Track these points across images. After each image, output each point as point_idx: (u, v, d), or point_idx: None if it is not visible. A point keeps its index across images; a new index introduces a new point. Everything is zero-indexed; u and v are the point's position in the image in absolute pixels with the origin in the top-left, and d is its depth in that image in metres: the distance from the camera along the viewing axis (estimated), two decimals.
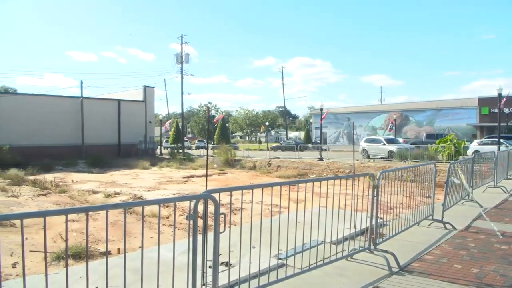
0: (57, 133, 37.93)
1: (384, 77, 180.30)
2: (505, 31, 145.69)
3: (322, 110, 36.63)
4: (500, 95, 27.09)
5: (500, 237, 7.07)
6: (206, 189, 4.53)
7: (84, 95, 40.56)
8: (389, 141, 32.77)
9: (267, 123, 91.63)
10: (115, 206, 3.50)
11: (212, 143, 59.35)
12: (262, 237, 4.44)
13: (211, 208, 3.86)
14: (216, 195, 3.83)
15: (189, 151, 52.11)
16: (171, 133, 74.85)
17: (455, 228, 7.65)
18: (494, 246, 6.58)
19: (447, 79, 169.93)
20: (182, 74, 51.73)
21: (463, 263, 5.66)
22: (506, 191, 12.07)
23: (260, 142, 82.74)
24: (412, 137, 48.94)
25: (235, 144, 66.54)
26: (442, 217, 7.88)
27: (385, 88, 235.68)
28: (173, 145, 63.66)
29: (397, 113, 55.59)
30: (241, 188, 4.40)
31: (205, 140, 70.77)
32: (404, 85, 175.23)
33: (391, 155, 30.44)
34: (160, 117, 71.55)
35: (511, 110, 41.50)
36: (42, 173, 25.59)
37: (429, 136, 40.53)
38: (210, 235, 3.96)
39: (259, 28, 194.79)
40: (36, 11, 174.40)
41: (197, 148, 62.08)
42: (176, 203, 4.02)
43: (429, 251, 6.25)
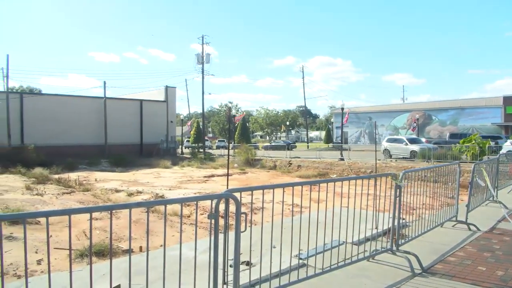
0: (80, 132, 38.67)
1: (406, 75, 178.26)
2: None
3: (343, 109, 36.38)
4: None
5: None
6: (227, 188, 4.54)
7: (106, 96, 41.20)
8: (412, 141, 32.32)
9: (287, 123, 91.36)
10: (138, 205, 3.55)
11: (233, 142, 59.58)
12: (283, 236, 4.44)
13: (231, 208, 3.87)
14: (237, 195, 3.85)
15: (210, 151, 52.46)
16: (192, 132, 75.45)
17: (479, 230, 7.50)
18: None
19: (470, 77, 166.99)
20: (203, 74, 51.98)
21: (487, 265, 5.54)
22: None
23: None
24: (435, 137, 48.14)
25: (255, 144, 66.73)
26: (466, 218, 7.73)
27: (407, 87, 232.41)
28: (194, 145, 64.16)
29: (419, 112, 54.78)
30: (262, 188, 4.39)
31: (225, 140, 71.11)
32: (426, 83, 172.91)
33: (413, 155, 30.00)
34: (181, 117, 72.19)
35: None
36: (66, 172, 26.09)
37: (452, 135, 39.79)
38: (231, 234, 3.98)
39: (279, 28, 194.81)
40: (59, 13, 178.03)
41: (218, 147, 62.47)
42: (197, 202, 4.05)
43: (453, 252, 6.14)
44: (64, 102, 39.20)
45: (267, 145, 59.08)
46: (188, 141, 72.25)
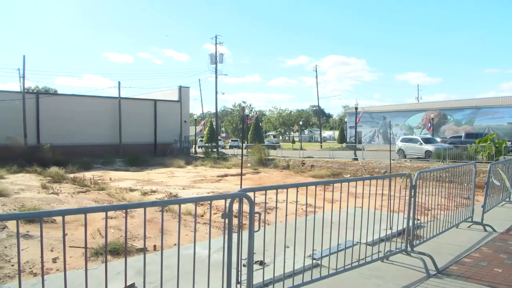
0: (95, 132, 39.08)
1: (420, 74, 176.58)
2: None
3: (357, 109, 36.15)
4: None
5: None
6: (240, 188, 4.55)
7: (121, 96, 41.56)
8: (426, 141, 31.96)
9: (300, 123, 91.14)
10: (153, 204, 3.58)
11: (246, 142, 59.59)
12: (297, 236, 4.43)
13: (245, 207, 3.88)
14: (251, 194, 3.85)
15: (223, 150, 52.54)
16: (205, 132, 75.70)
17: (495, 231, 7.40)
18: None
19: (487, 76, 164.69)
20: (216, 74, 52.16)
21: (504, 267, 5.47)
22: None
23: (293, 142, 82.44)
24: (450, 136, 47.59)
25: (273, 142, 66.64)
26: (482, 219, 7.64)
27: (421, 86, 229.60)
28: (207, 144, 64.32)
29: (434, 111, 54.24)
30: (275, 188, 4.39)
31: (238, 139, 71.18)
32: (441, 83, 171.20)
33: (428, 155, 29.66)
34: (195, 116, 72.48)
35: None
36: (82, 171, 26.38)
37: (468, 135, 39.29)
38: (245, 234, 3.98)
39: (291, 27, 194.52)
40: (74, 14, 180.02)
41: (231, 147, 62.52)
42: (211, 202, 4.07)
43: (468, 254, 6.07)
44: (80, 102, 39.63)
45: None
46: (201, 140, 72.52)
